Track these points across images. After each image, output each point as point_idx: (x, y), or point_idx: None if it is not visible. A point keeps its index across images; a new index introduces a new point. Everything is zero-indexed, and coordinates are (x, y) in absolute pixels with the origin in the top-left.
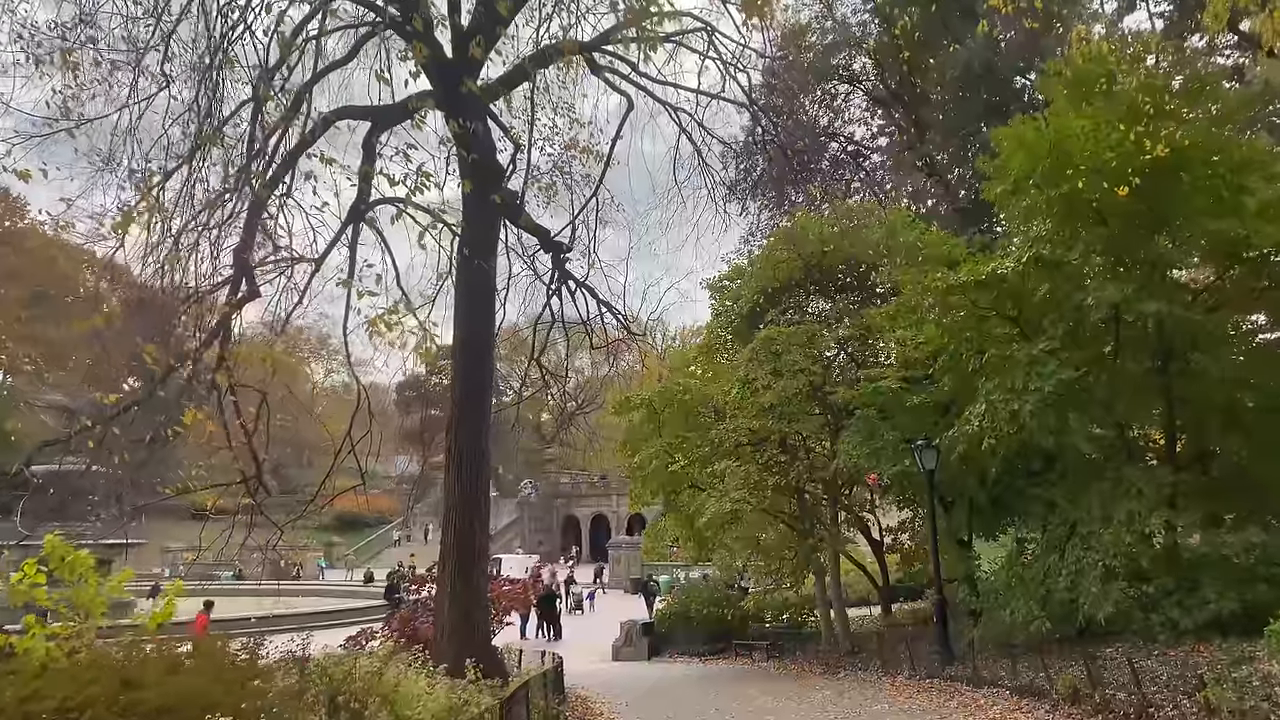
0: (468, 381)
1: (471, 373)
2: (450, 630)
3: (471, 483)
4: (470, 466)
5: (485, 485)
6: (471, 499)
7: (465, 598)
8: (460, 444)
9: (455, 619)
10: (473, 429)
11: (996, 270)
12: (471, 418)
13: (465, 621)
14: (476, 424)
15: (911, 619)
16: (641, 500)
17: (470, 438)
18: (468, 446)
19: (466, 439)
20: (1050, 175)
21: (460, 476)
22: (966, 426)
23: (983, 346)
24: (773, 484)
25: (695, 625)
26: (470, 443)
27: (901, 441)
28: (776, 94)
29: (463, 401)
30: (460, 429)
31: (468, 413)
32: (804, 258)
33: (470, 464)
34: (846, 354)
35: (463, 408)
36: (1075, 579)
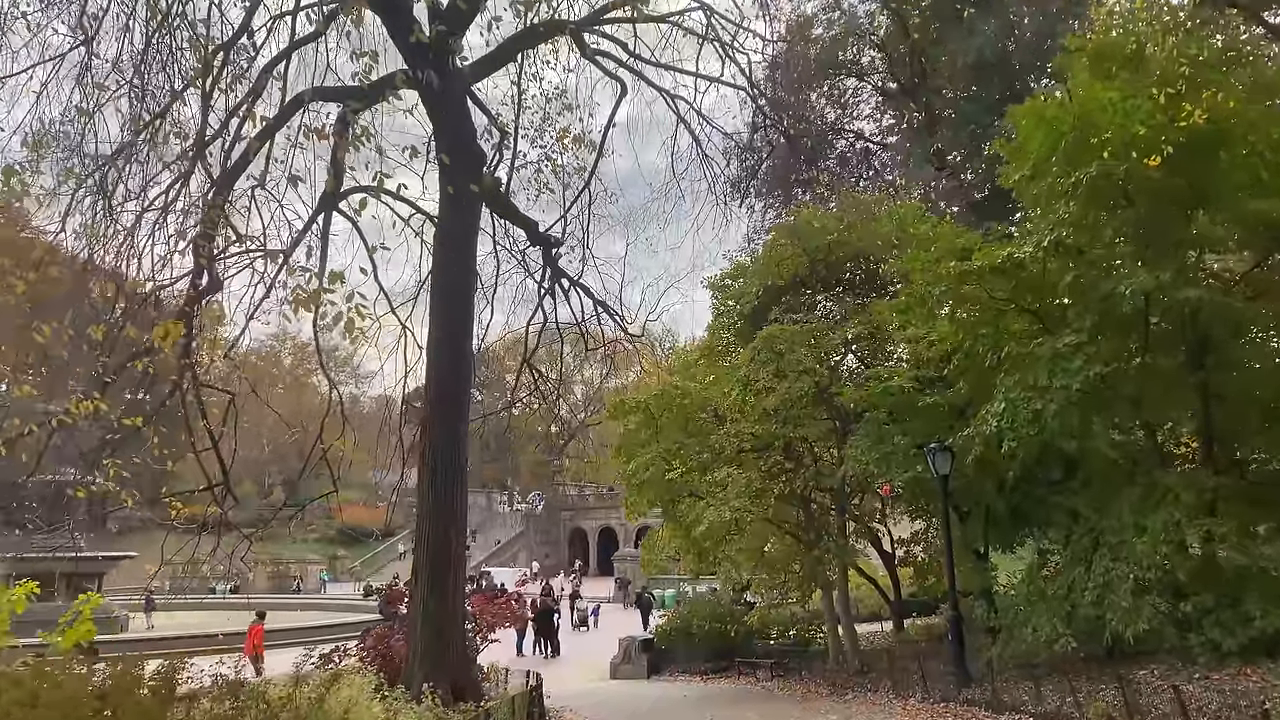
0: (443, 381)
1: (447, 372)
2: (423, 650)
3: (446, 489)
4: (445, 472)
5: (461, 492)
6: (447, 506)
7: (439, 614)
8: (434, 447)
9: (428, 637)
10: (448, 432)
11: (1014, 255)
12: (446, 420)
13: (438, 640)
14: (452, 427)
15: (925, 635)
16: (637, 510)
17: (445, 441)
18: (442, 450)
19: (441, 442)
20: (1074, 153)
21: (434, 483)
22: (984, 427)
23: (1000, 342)
24: (776, 492)
25: (697, 642)
26: (445, 446)
27: (913, 446)
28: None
29: (437, 403)
30: (434, 431)
31: (442, 415)
32: (809, 253)
33: (445, 469)
34: (854, 354)
35: (437, 409)
36: (1102, 593)
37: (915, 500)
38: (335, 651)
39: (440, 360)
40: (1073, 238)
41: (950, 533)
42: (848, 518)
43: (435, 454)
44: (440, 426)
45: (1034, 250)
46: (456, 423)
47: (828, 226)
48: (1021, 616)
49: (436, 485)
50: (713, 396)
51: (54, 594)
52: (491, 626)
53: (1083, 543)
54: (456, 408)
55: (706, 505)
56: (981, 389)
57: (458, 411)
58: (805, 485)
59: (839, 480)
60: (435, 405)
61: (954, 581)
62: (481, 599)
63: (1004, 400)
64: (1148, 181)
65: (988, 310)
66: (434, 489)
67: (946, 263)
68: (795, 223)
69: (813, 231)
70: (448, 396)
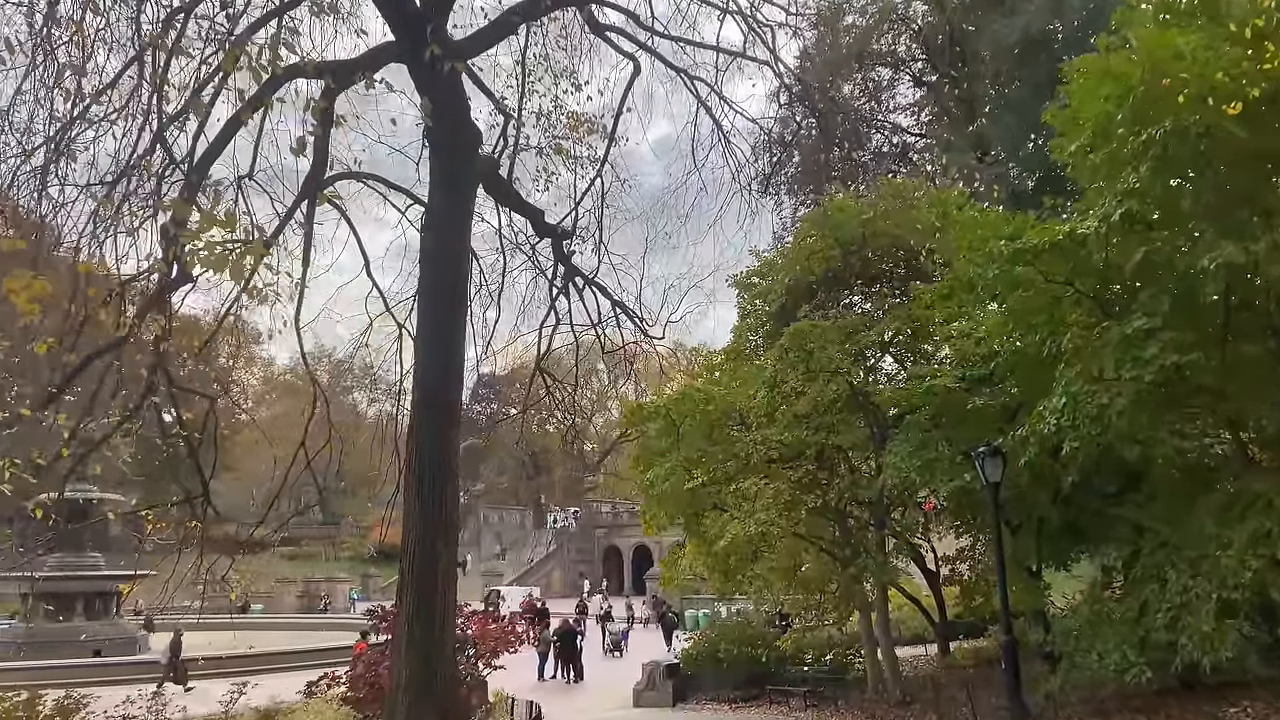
0: (431, 380)
1: (436, 370)
2: (407, 679)
3: (434, 497)
4: (433, 479)
5: (452, 502)
6: (434, 517)
7: (426, 639)
8: (422, 452)
9: (413, 665)
10: (436, 434)
11: (1076, 231)
12: (434, 420)
13: (425, 667)
14: (442, 430)
15: (973, 660)
16: (656, 523)
17: (433, 445)
18: (430, 455)
19: (429, 446)
20: (1142, 109)
21: (421, 490)
22: (1040, 426)
23: (1057, 332)
24: (809, 505)
25: (725, 667)
26: (434, 451)
27: (959, 452)
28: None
29: (424, 404)
30: (422, 434)
31: (431, 417)
32: (841, 244)
33: (433, 476)
34: (892, 355)
35: (424, 411)
36: (1179, 615)
37: (961, 513)
38: (324, 679)
39: (428, 358)
40: (1142, 210)
41: (1002, 547)
42: (887, 533)
43: (422, 459)
44: (428, 429)
45: (1098, 225)
46: (447, 426)
47: (862, 214)
48: (1085, 641)
49: (424, 494)
50: (738, 401)
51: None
52: (496, 651)
53: (1155, 557)
54: (447, 409)
55: (730, 518)
56: (1035, 387)
57: (448, 413)
58: (840, 497)
59: (876, 491)
60: (423, 407)
61: (1006, 602)
62: (482, 621)
63: (1064, 395)
64: (1229, 142)
65: (1042, 296)
66: (421, 498)
67: (996, 242)
68: (826, 211)
69: (845, 220)
70: (437, 397)
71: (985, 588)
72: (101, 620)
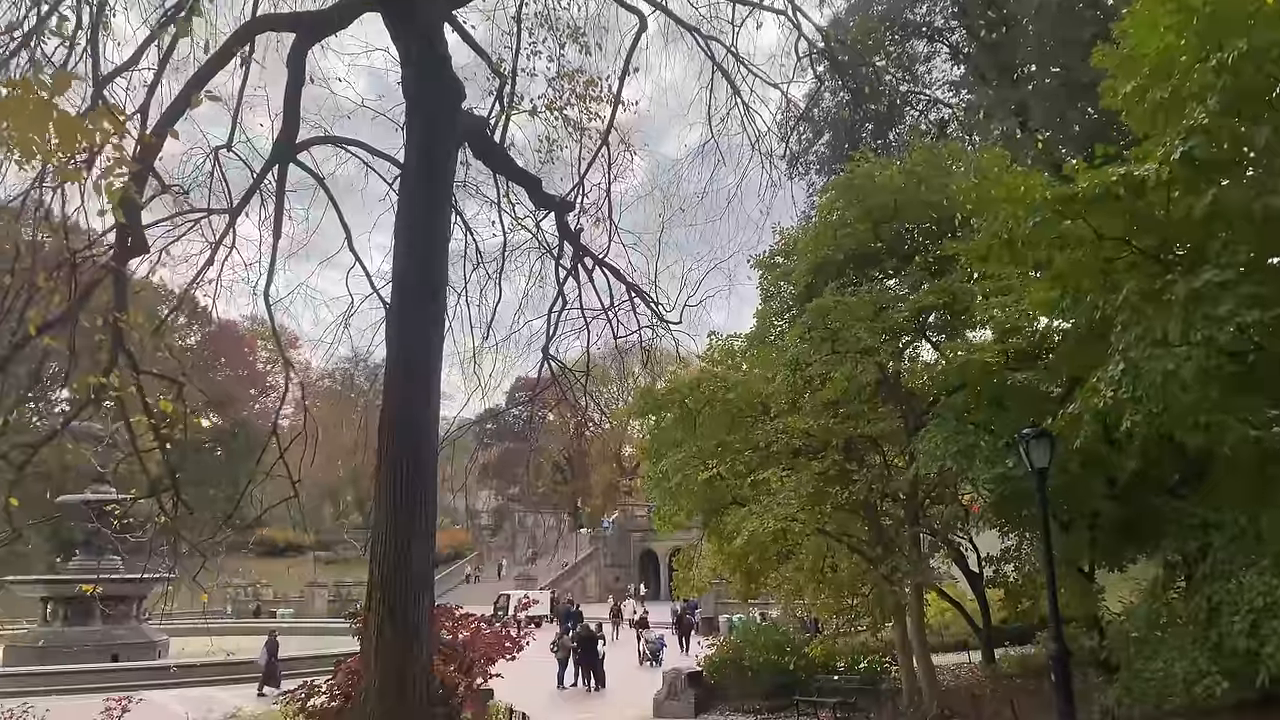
0: (404, 356)
1: (411, 342)
2: (378, 691)
3: (405, 490)
4: (407, 465)
5: (427, 493)
6: (407, 511)
7: (397, 646)
8: (394, 438)
9: (384, 676)
10: (410, 418)
11: (1134, 174)
12: (406, 402)
13: (396, 679)
14: (416, 411)
15: (1020, 669)
16: (671, 521)
17: (405, 429)
18: (404, 439)
19: (402, 431)
20: (1210, 34)
21: (394, 481)
22: (1094, 400)
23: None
24: (835, 500)
25: (751, 675)
26: (405, 436)
27: (1001, 438)
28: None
29: (397, 382)
30: (395, 417)
31: (402, 396)
32: (870, 214)
33: (407, 462)
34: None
35: (397, 390)
36: (1259, 619)
37: (1004, 507)
38: (302, 688)
39: (402, 332)
40: (1210, 151)
41: (1050, 543)
42: (922, 529)
43: (395, 445)
44: (399, 409)
45: (1158, 168)
46: (423, 408)
47: (893, 181)
48: (1147, 648)
49: (396, 483)
50: (760, 388)
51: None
52: (490, 659)
53: (1228, 552)
54: (423, 390)
55: (749, 513)
56: (1086, 363)
57: (424, 391)
58: (870, 491)
59: (909, 483)
60: (397, 387)
61: (1056, 605)
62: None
63: (1121, 362)
64: None
65: (1093, 258)
66: (394, 487)
67: (1041, 190)
68: (853, 179)
69: (874, 188)
70: (411, 376)
71: (1033, 590)
72: (121, 624)
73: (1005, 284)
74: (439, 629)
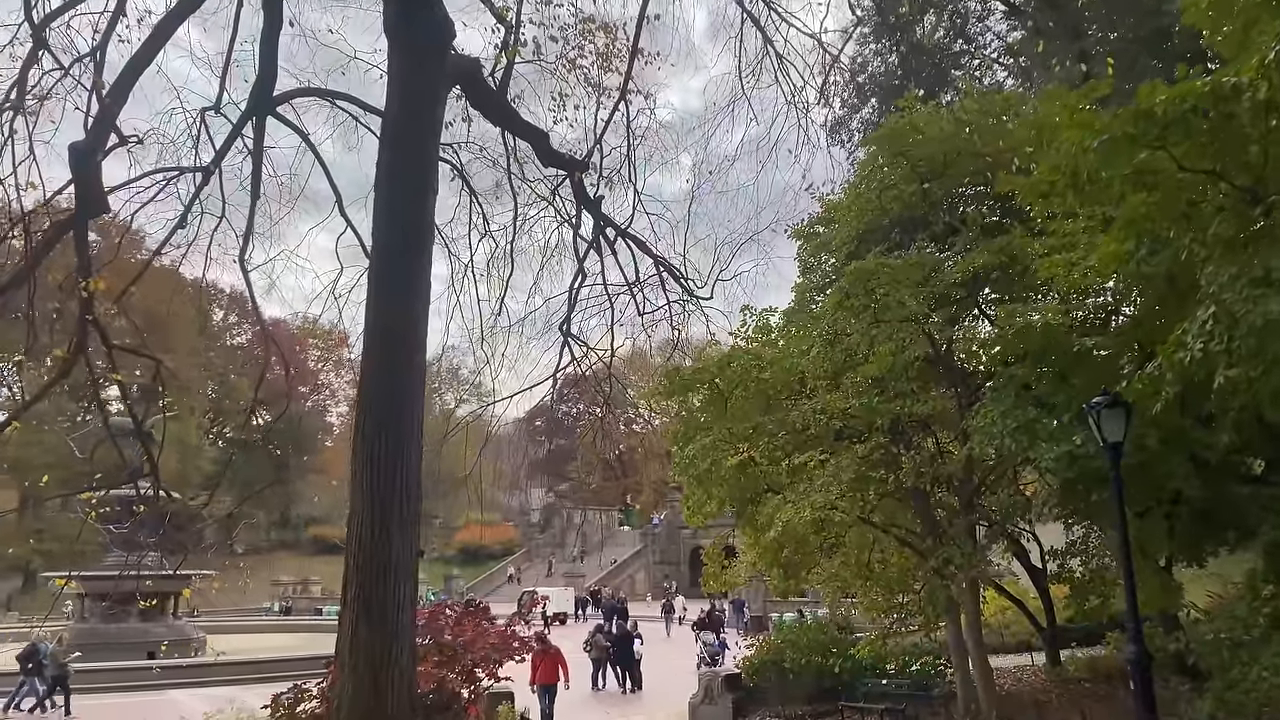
0: (384, 320)
1: (388, 305)
2: (351, 698)
3: (384, 469)
4: (387, 442)
5: (409, 473)
6: (385, 493)
7: (374, 648)
8: (372, 410)
9: (357, 680)
10: (389, 388)
11: (1223, 83)
12: (386, 371)
13: (372, 685)
14: (397, 380)
15: (1089, 672)
16: (701, 511)
17: (384, 401)
18: (380, 413)
19: (378, 402)
20: None
21: (371, 460)
22: (1179, 355)
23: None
24: (878, 486)
25: (793, 678)
26: (383, 408)
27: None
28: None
29: (378, 348)
30: (372, 385)
31: (381, 364)
32: (916, 170)
33: (387, 438)
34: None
35: (373, 357)
36: None
37: (1071, 494)
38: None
39: (382, 293)
40: None
41: (1127, 530)
42: (977, 518)
43: (373, 418)
44: (380, 379)
45: (1254, 75)
46: (404, 374)
47: (943, 130)
48: (1244, 654)
49: (375, 462)
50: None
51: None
52: (499, 661)
53: None
54: (405, 356)
55: (783, 501)
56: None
57: (406, 358)
58: (919, 477)
59: (961, 464)
60: (377, 354)
61: (1135, 602)
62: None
63: (1213, 305)
64: None
65: (1174, 198)
66: (371, 467)
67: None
68: (898, 129)
69: (922, 141)
70: (393, 341)
71: (1101, 586)
72: (158, 621)
73: (1069, 239)
74: (439, 628)
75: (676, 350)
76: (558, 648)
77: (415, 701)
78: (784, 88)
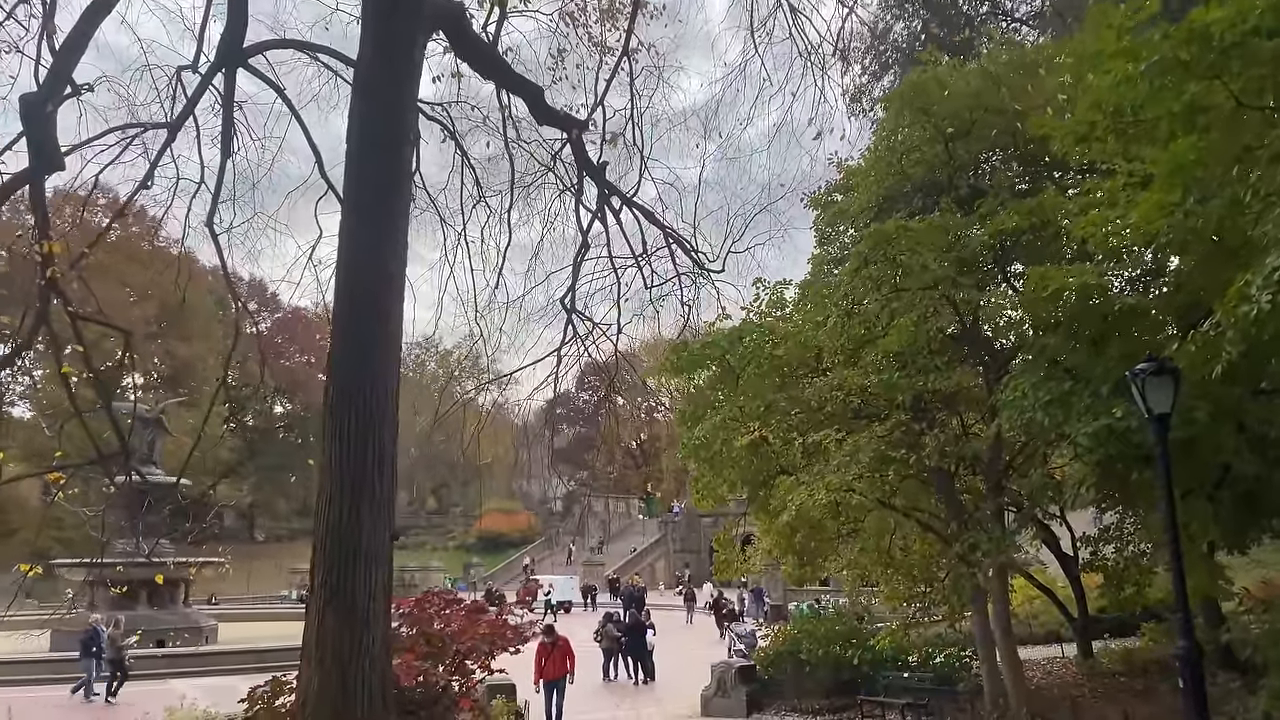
0: (355, 282)
1: (358, 269)
2: (317, 695)
3: (353, 442)
4: (358, 414)
5: (382, 446)
6: (355, 468)
7: (343, 639)
8: (341, 384)
9: (323, 674)
10: (360, 354)
11: None
12: (356, 334)
13: (339, 679)
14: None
15: (1124, 666)
16: (711, 493)
17: (353, 367)
18: (347, 381)
19: (347, 368)
20: None
21: (340, 437)
22: (1243, 309)
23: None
24: (898, 466)
25: (809, 671)
26: (352, 375)
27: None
28: None
29: (343, 310)
30: (341, 361)
31: (353, 336)
32: (939, 129)
33: (358, 411)
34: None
35: (342, 319)
36: None
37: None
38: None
39: (353, 244)
40: None
41: (1175, 511)
42: (1005, 501)
43: (342, 389)
44: (350, 346)
45: None
46: (377, 340)
47: (969, 85)
48: None
49: (342, 436)
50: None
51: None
52: (490, 653)
53: None
54: (378, 318)
55: (796, 483)
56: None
57: (379, 322)
58: (943, 456)
59: (989, 444)
60: (345, 317)
61: (1184, 590)
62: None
63: None
64: None
65: (1232, 138)
66: (340, 442)
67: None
68: (920, 85)
69: (946, 97)
70: (364, 299)
71: (1136, 575)
72: (167, 609)
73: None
74: (427, 616)
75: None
76: (565, 638)
77: (390, 696)
78: (798, 43)
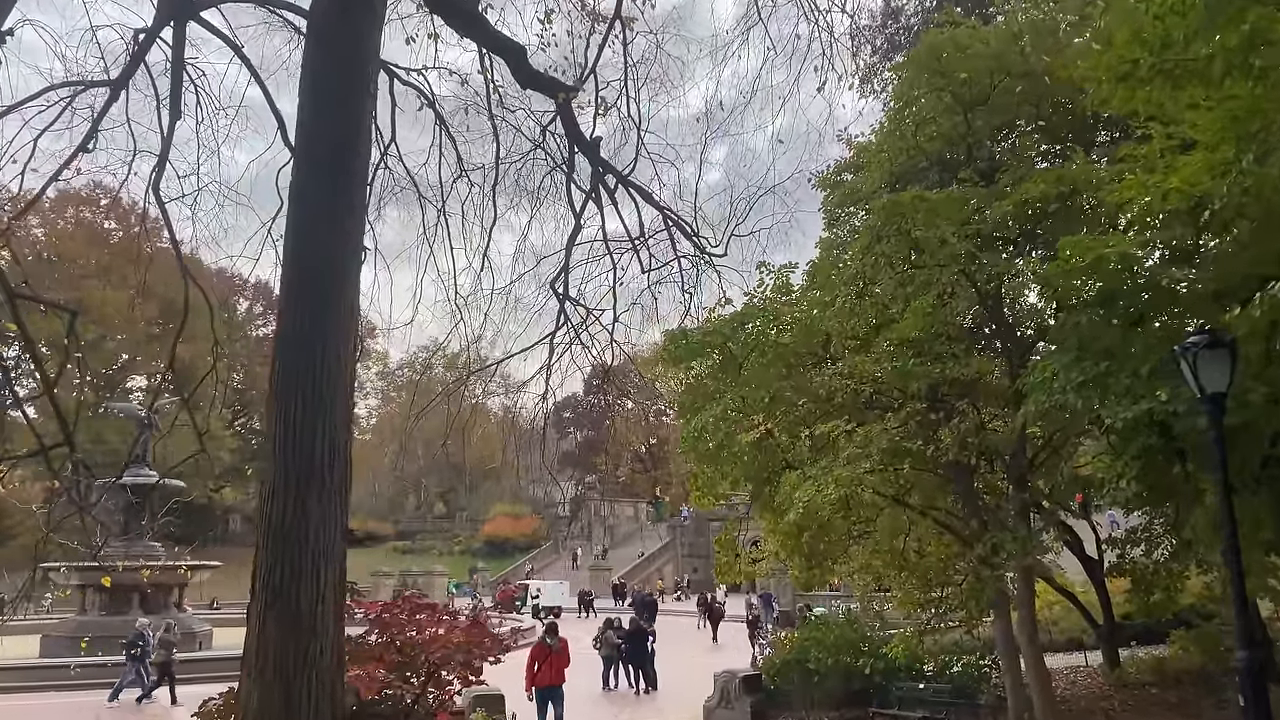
0: (303, 246)
1: (309, 233)
2: (257, 711)
3: (300, 435)
4: (299, 398)
5: (333, 433)
6: (301, 457)
7: (286, 649)
8: (287, 362)
9: (264, 688)
10: (310, 335)
11: None
12: (306, 316)
13: (284, 696)
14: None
15: (1155, 676)
16: (711, 491)
17: (302, 350)
18: (298, 364)
19: (295, 352)
20: None
21: (285, 421)
22: None
23: None
24: (912, 461)
25: (817, 680)
26: (301, 359)
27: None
28: None
29: (290, 281)
30: (289, 336)
31: (302, 308)
32: (957, 95)
33: (300, 394)
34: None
35: (290, 292)
36: None
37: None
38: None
39: (303, 205)
40: None
41: (1230, 503)
42: (1029, 498)
43: (287, 367)
44: (298, 319)
45: None
46: (328, 311)
47: (990, 47)
48: None
49: (288, 421)
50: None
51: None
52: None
53: None
54: (330, 287)
55: (803, 478)
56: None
57: (331, 292)
58: (962, 449)
59: (1015, 434)
60: (294, 286)
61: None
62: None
63: None
64: None
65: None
66: (285, 426)
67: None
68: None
69: (966, 59)
70: (315, 266)
71: (1167, 579)
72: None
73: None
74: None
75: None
76: (564, 640)
77: (341, 712)
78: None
